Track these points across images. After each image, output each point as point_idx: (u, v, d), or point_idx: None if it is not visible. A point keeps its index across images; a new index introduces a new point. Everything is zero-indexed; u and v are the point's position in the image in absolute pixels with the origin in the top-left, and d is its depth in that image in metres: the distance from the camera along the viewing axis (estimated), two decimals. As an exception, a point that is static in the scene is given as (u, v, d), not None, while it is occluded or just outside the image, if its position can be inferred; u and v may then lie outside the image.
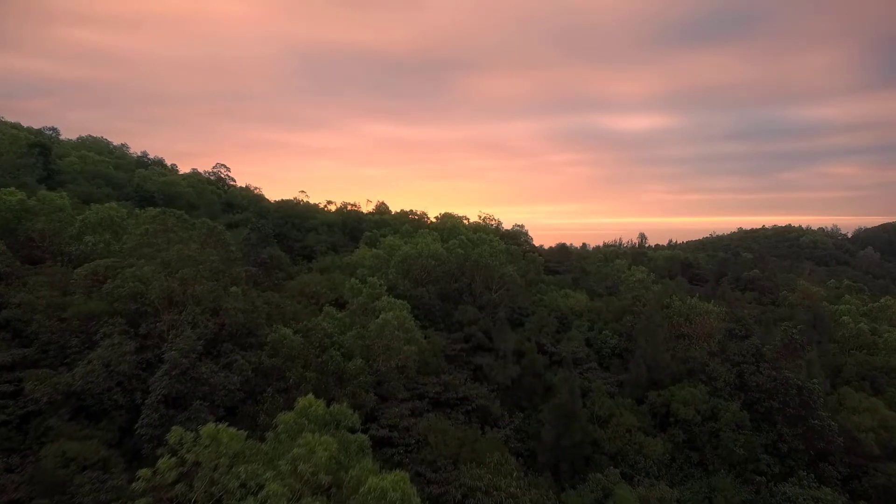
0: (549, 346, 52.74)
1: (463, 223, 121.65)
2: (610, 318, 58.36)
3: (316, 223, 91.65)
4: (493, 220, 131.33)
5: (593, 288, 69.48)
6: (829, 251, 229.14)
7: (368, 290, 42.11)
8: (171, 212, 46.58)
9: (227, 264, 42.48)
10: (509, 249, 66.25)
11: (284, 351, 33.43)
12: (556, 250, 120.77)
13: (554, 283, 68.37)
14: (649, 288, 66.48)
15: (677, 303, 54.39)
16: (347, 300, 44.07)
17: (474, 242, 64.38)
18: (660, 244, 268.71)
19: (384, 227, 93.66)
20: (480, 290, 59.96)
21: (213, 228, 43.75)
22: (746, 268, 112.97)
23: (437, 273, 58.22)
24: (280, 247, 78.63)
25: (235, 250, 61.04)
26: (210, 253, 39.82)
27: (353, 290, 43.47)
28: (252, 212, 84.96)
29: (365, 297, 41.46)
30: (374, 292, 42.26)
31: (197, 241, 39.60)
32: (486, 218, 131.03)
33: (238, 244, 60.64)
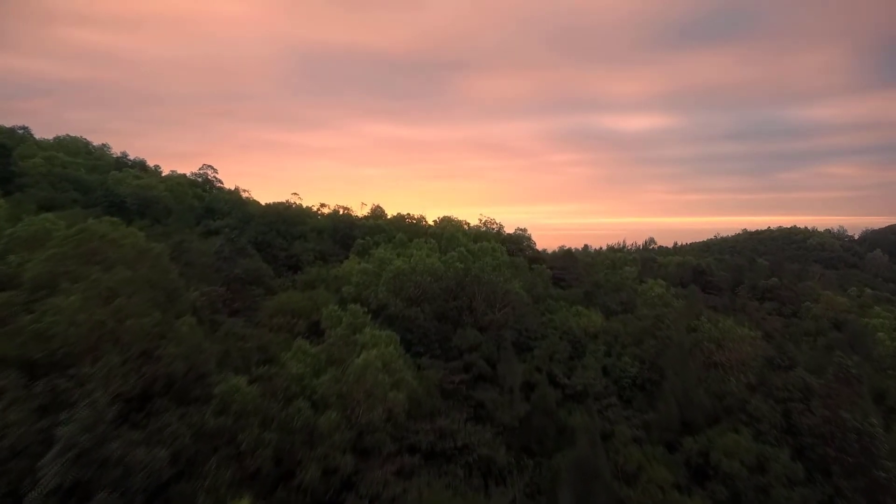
0: (561, 376, 45.37)
1: (463, 227, 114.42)
2: (629, 341, 50.98)
3: (305, 229, 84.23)
4: (494, 223, 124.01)
5: (607, 303, 62.10)
6: (837, 253, 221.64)
7: (349, 319, 34.78)
8: (101, 225, 38.97)
9: (169, 293, 35.07)
10: (514, 262, 58.91)
11: (236, 406, 26.11)
12: (561, 256, 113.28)
13: (563, 297, 60.96)
14: (670, 304, 59.14)
15: (706, 325, 47.02)
16: (325, 328, 36.71)
17: (475, 254, 57.04)
18: (663, 245, 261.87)
19: (378, 234, 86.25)
20: (482, 308, 52.56)
21: (147, 250, 36.16)
22: (763, 275, 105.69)
23: (434, 290, 50.86)
24: (264, 256, 71.32)
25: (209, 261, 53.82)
26: (144, 278, 32.37)
27: (332, 318, 36.11)
28: (235, 218, 77.57)
29: (345, 327, 34.15)
30: (356, 321, 34.90)
31: (127, 265, 32.04)
32: (487, 222, 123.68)
33: (210, 257, 53.25)
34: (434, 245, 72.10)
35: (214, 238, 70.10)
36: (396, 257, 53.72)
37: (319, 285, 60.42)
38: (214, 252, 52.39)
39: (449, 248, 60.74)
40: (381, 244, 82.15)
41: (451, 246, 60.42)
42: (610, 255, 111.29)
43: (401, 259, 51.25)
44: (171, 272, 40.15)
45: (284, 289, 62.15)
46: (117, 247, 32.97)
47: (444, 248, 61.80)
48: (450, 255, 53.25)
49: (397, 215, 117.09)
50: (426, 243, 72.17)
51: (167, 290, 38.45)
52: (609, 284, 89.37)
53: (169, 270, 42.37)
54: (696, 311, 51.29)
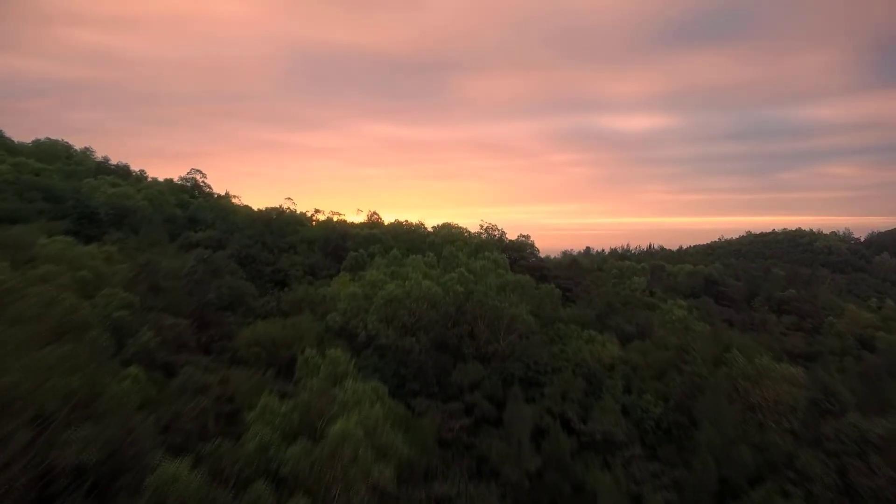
0: (576, 420, 39.33)
1: (463, 233, 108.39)
2: (650, 374, 44.97)
3: (295, 240, 78.24)
4: (495, 230, 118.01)
5: (621, 326, 56.04)
6: (844, 257, 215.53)
7: (328, 368, 28.76)
8: (54, 244, 32.99)
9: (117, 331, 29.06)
10: (520, 281, 52.82)
11: (174, 501, 20.15)
12: (567, 265, 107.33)
13: (574, 319, 54.89)
14: (691, 328, 53.11)
15: (740, 359, 40.99)
16: (301, 377, 30.63)
17: (477, 274, 51.04)
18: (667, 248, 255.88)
19: (373, 244, 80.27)
20: (485, 336, 46.59)
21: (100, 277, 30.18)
22: (779, 285, 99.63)
23: (431, 317, 44.86)
24: (248, 272, 65.31)
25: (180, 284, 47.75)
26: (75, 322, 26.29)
27: (309, 365, 30.07)
28: (219, 229, 71.53)
29: (323, 378, 28.16)
30: (336, 370, 28.89)
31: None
32: (488, 228, 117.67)
33: (181, 279, 47.21)
34: (432, 259, 66.17)
35: (195, 252, 64.14)
36: (389, 278, 47.69)
37: (306, 308, 54.44)
38: (185, 273, 46.36)
39: (448, 266, 54.68)
40: (375, 256, 76.17)
41: (451, 264, 54.37)
42: (617, 264, 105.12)
43: (394, 283, 45.21)
44: (118, 305, 34.15)
45: (266, 312, 56.24)
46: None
47: (444, 266, 55.75)
48: (448, 277, 47.20)
49: (395, 222, 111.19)
50: (424, 258, 66.29)
51: (115, 328, 32.51)
52: (618, 298, 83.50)
53: (122, 301, 36.42)
54: (725, 341, 45.24)
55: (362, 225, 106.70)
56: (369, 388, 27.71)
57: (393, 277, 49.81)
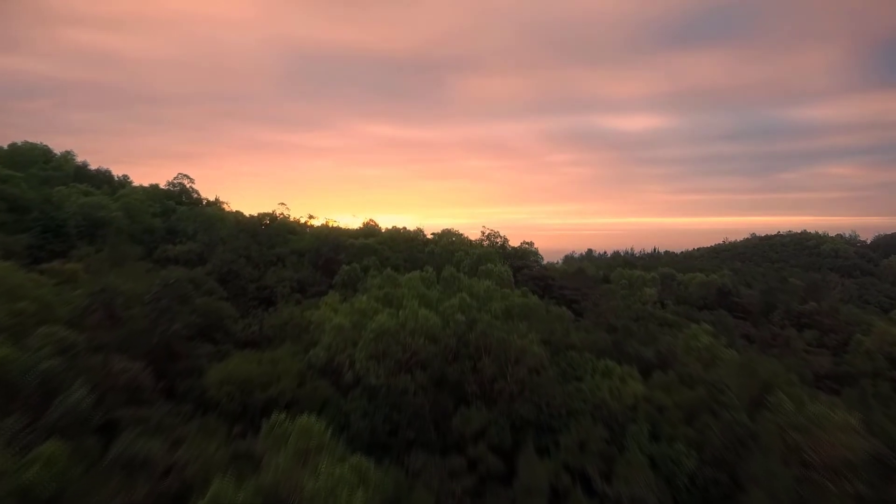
0: (598, 479, 33.34)
1: (464, 241, 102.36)
2: (678, 416, 38.91)
3: (284, 252, 72.19)
4: (498, 237, 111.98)
5: (640, 353, 49.95)
6: (851, 260, 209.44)
7: (298, 442, 22.71)
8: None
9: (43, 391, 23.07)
10: (528, 304, 46.84)
11: None
12: (573, 275, 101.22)
13: (588, 345, 48.83)
14: (720, 357, 47.04)
15: (787, 404, 34.96)
16: (267, 448, 24.59)
17: (481, 299, 45.00)
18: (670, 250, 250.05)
19: (368, 256, 74.25)
20: (491, 371, 40.54)
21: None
22: (797, 297, 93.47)
23: (429, 352, 38.84)
24: (230, 289, 59.25)
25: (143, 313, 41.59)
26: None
27: (275, 434, 23.99)
28: (200, 241, 65.44)
29: (290, 457, 22.14)
30: (308, 444, 22.85)
31: None
32: (490, 234, 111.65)
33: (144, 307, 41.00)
34: (431, 275, 60.16)
35: (172, 269, 58.06)
36: (382, 304, 41.61)
37: (290, 332, 48.46)
38: (147, 301, 40.18)
39: (448, 286, 48.56)
40: (370, 269, 70.19)
41: (451, 286, 48.27)
42: (625, 273, 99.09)
43: (387, 311, 39.11)
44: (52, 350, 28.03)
45: (247, 338, 50.25)
46: None
47: (444, 286, 49.63)
48: (448, 304, 41.11)
49: (392, 229, 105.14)
50: (422, 273, 60.30)
51: (42, 383, 26.43)
52: (629, 312, 77.66)
53: (61, 343, 30.30)
54: (763, 377, 39.15)
55: (358, 232, 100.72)
56: (348, 470, 21.63)
57: (386, 302, 43.76)
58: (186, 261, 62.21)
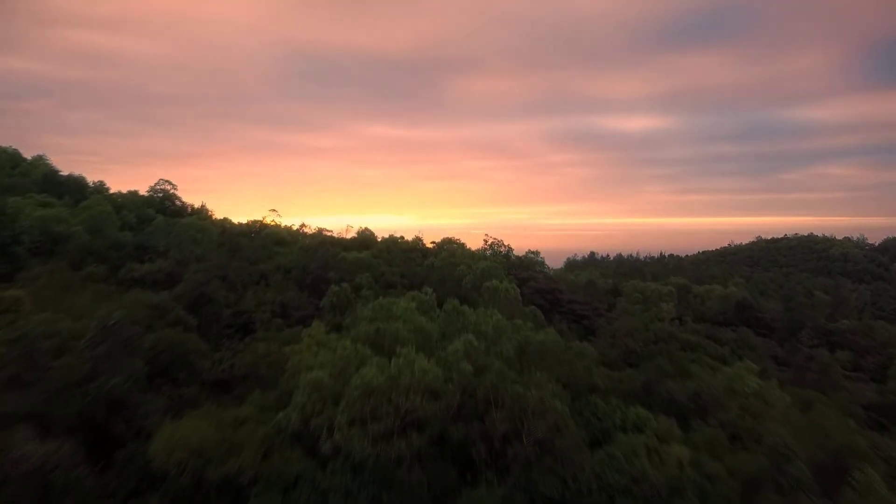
0: (644, 589, 25.87)
1: (467, 251, 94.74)
2: (734, 490, 31.34)
3: (268, 268, 64.45)
4: (502, 245, 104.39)
5: (673, 396, 42.31)
6: (861, 264, 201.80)
7: None
8: None
9: None
10: (544, 343, 39.31)
11: None
12: (583, 287, 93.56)
13: (614, 388, 41.18)
14: (772, 404, 39.38)
15: (878, 486, 27.37)
16: None
17: (490, 339, 37.31)
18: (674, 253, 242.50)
19: (361, 271, 66.56)
20: (502, 430, 32.91)
21: None
22: (822, 312, 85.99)
23: (428, 411, 31.17)
24: (203, 316, 51.61)
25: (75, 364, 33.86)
26: None
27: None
28: (172, 259, 57.69)
29: None
30: None
31: None
32: (493, 243, 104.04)
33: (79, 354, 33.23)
34: (429, 298, 52.58)
35: (135, 293, 50.37)
36: (369, 351, 33.87)
37: (262, 379, 40.85)
38: (85, 346, 32.44)
39: (450, 322, 40.79)
40: (362, 289, 62.58)
41: (454, 322, 40.50)
42: (639, 286, 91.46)
43: (376, 361, 31.36)
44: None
45: (215, 378, 42.64)
46: None
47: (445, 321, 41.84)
48: (453, 350, 33.38)
49: (389, 239, 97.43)
50: (421, 294, 52.77)
51: None
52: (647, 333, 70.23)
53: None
54: (841, 445, 31.58)
55: (352, 242, 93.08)
56: None
57: (376, 345, 36.11)
58: (155, 282, 54.57)
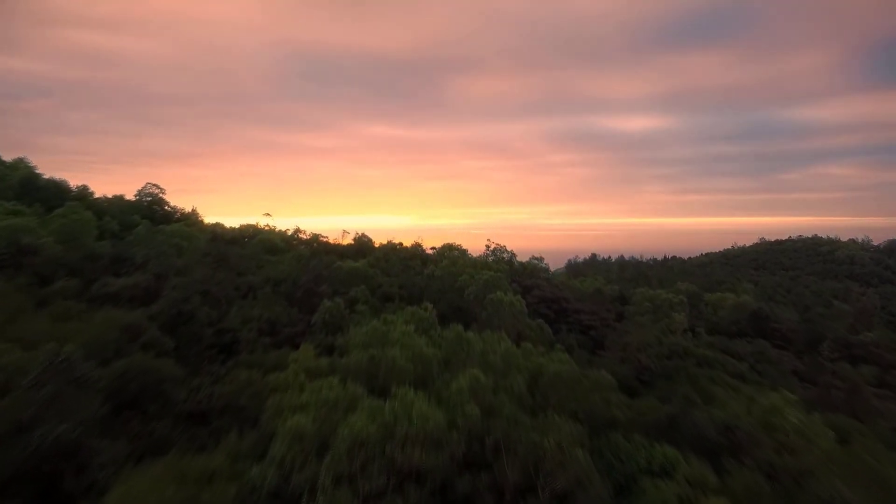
0: None
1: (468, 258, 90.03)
2: (785, 554, 26.75)
3: (257, 280, 59.69)
4: (504, 251, 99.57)
5: (700, 429, 37.66)
6: (868, 267, 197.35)
7: None
8: None
9: None
10: (560, 373, 34.66)
11: None
12: (590, 295, 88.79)
13: (636, 421, 36.52)
14: (814, 441, 34.74)
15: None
16: None
17: (499, 371, 32.62)
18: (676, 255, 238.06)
19: (356, 283, 61.85)
20: (515, 483, 28.25)
21: None
22: (842, 323, 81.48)
23: (429, 463, 26.47)
24: (181, 336, 46.92)
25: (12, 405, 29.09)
26: None
27: None
28: (151, 272, 52.92)
29: None
30: None
31: None
32: (496, 249, 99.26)
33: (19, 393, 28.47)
34: (429, 316, 47.99)
35: (105, 312, 45.60)
36: (360, 389, 29.17)
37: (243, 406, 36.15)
38: (29, 386, 27.68)
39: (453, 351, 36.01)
40: (357, 303, 57.87)
41: (458, 352, 35.72)
42: (647, 295, 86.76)
43: (368, 404, 26.67)
44: None
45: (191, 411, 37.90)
46: None
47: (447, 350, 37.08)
48: (457, 388, 28.67)
49: (387, 245, 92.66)
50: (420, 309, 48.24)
51: None
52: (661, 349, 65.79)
53: None
54: None
55: (348, 249, 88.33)
56: None
57: (369, 381, 31.46)
58: (131, 297, 49.84)
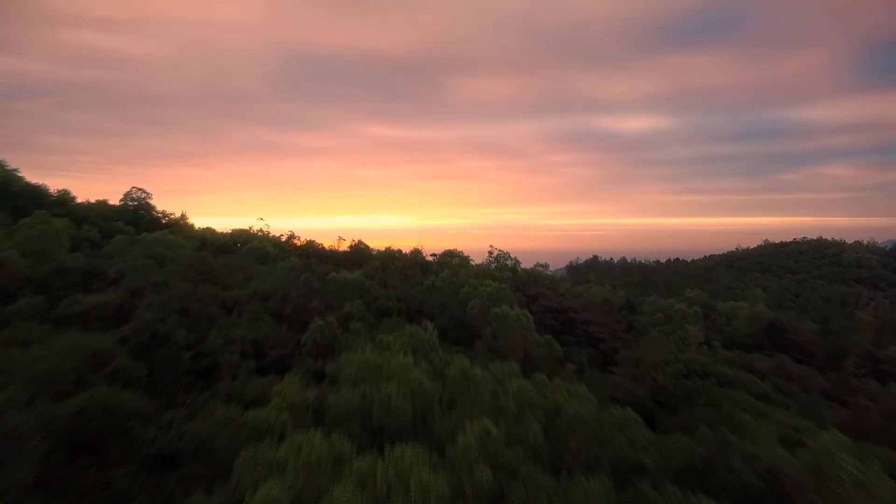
0: None
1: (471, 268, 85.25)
2: None
3: (242, 294, 54.86)
4: (507, 258, 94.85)
5: (740, 476, 32.96)
6: (875, 270, 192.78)
7: None
8: None
9: None
10: (580, 415, 29.89)
11: None
12: (598, 305, 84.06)
13: (664, 464, 31.82)
14: (876, 494, 30.17)
15: None
16: None
17: (512, 415, 27.87)
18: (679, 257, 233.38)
19: (351, 296, 57.09)
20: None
21: None
22: (866, 335, 76.75)
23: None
24: (154, 362, 42.14)
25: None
26: None
27: None
28: (124, 289, 48.08)
29: None
30: None
31: None
32: (498, 256, 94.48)
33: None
34: (430, 337, 43.23)
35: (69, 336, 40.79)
36: (347, 445, 24.44)
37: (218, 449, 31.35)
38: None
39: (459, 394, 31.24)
40: (351, 320, 53.11)
41: (464, 396, 30.96)
42: (659, 305, 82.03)
43: (356, 471, 21.94)
44: None
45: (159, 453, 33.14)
46: None
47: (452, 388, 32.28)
48: (464, 446, 23.94)
49: (385, 252, 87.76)
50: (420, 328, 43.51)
51: None
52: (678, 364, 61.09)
53: None
54: None
55: (344, 257, 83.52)
56: None
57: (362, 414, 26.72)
58: (101, 317, 45.02)
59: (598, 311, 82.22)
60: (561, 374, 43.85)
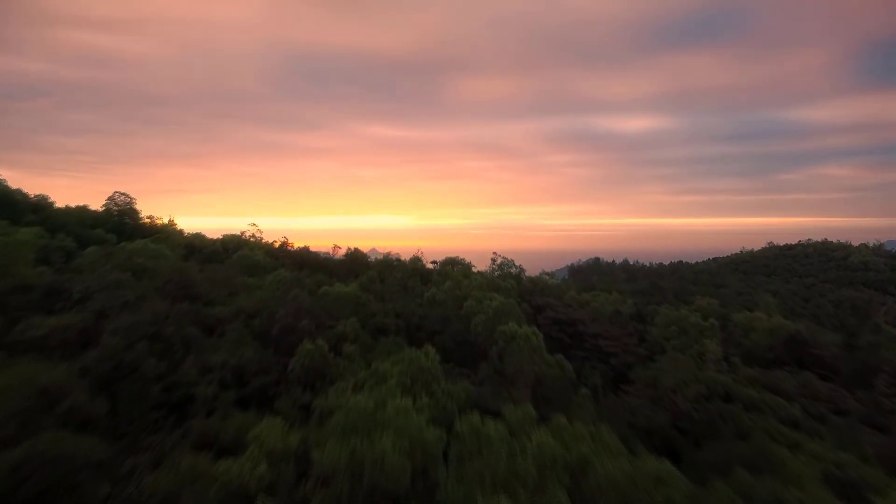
0: None
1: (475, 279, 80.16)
2: None
3: (225, 312, 49.69)
4: (511, 266, 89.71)
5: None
6: (883, 273, 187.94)
7: None
8: None
9: None
10: (610, 476, 24.71)
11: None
12: (609, 317, 79.01)
13: None
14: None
15: None
16: None
17: (533, 482, 22.84)
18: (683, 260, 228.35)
19: (345, 315, 51.97)
20: None
21: None
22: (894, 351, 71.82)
23: None
24: (119, 395, 37.05)
25: None
26: None
27: None
28: (93, 308, 42.87)
29: None
30: None
31: None
32: (502, 263, 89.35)
33: None
34: (432, 363, 38.26)
35: (22, 367, 35.66)
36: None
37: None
38: None
39: (468, 448, 26.22)
40: (345, 342, 48.04)
41: (473, 453, 25.92)
42: (672, 316, 77.00)
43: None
44: None
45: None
46: None
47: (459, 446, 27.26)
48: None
49: (384, 260, 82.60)
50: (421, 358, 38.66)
51: None
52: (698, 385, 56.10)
53: None
54: None
55: (340, 266, 78.35)
56: None
57: (352, 471, 21.66)
58: (63, 343, 39.81)
59: (607, 322, 77.17)
60: (579, 410, 38.84)
